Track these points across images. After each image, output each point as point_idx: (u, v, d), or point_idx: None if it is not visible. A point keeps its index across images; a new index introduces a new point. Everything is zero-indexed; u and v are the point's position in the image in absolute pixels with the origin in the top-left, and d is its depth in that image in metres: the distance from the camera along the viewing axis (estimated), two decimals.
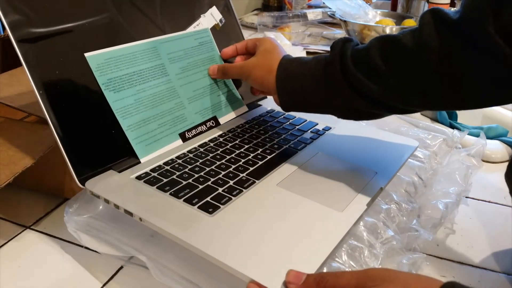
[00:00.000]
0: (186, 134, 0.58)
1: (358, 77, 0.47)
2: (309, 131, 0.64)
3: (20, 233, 0.55)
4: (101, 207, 0.51)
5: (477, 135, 0.74)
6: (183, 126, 0.58)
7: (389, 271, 0.34)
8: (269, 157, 0.56)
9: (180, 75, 0.60)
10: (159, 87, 0.57)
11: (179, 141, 0.57)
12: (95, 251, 0.49)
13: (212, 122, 0.62)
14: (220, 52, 0.66)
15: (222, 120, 0.64)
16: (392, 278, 0.33)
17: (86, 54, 0.50)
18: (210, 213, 0.44)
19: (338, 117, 0.53)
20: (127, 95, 0.53)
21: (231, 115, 0.66)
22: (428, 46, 0.43)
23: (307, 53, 1.20)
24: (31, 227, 0.56)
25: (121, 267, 0.49)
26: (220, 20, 0.69)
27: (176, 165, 0.52)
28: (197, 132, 0.60)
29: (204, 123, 0.61)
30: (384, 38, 0.47)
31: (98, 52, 0.51)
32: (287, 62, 0.54)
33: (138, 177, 0.49)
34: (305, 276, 0.36)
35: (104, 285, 0.47)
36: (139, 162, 0.52)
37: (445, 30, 0.42)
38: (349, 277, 0.34)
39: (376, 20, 1.27)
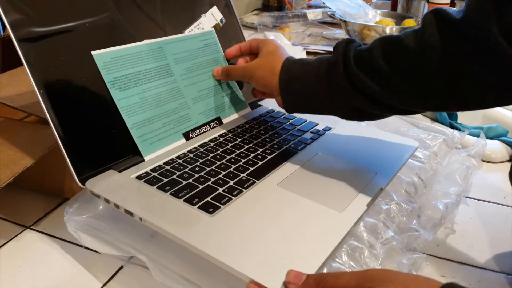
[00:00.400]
0: (190, 134, 0.59)
1: (361, 78, 0.47)
2: (309, 131, 0.64)
3: (20, 233, 0.55)
4: (101, 207, 0.51)
5: (477, 135, 0.74)
6: (187, 126, 0.59)
7: (388, 271, 0.34)
8: (269, 157, 0.56)
9: (185, 76, 0.60)
10: (164, 86, 0.57)
11: (183, 141, 0.58)
12: (95, 251, 0.49)
13: (216, 123, 0.63)
14: (224, 53, 0.67)
15: (225, 121, 0.64)
16: (391, 278, 0.33)
17: (93, 52, 0.51)
18: (210, 213, 0.44)
19: (341, 117, 0.53)
20: (132, 93, 0.53)
21: (235, 116, 0.66)
22: (430, 46, 0.43)
23: (307, 53, 1.21)
24: (31, 227, 0.56)
25: (121, 267, 0.49)
26: (221, 20, 0.69)
27: (177, 165, 0.52)
28: (200, 132, 0.60)
29: (208, 123, 0.62)
30: (386, 38, 0.47)
31: (105, 50, 0.52)
32: (290, 64, 0.54)
33: (139, 177, 0.49)
34: (305, 276, 0.36)
35: (104, 285, 0.47)
36: (143, 161, 0.52)
37: (447, 30, 0.42)
38: (349, 277, 0.34)
39: (376, 20, 1.27)
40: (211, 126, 0.62)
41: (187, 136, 0.58)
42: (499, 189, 0.66)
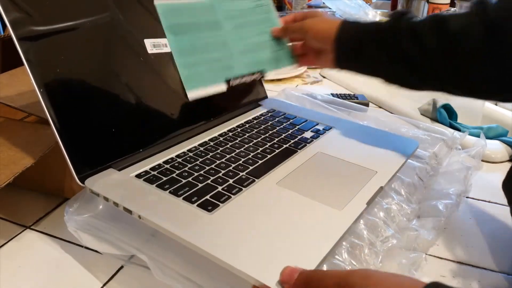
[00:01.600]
0: (231, 82, 0.64)
1: (407, 47, 0.52)
2: (309, 130, 0.64)
3: (20, 233, 0.55)
4: (101, 206, 0.51)
5: (477, 135, 0.74)
6: (229, 74, 0.64)
7: (369, 271, 0.34)
8: (269, 156, 0.56)
9: (234, 31, 0.66)
10: (212, 38, 0.63)
11: (224, 85, 0.63)
12: (96, 251, 0.49)
13: (259, 75, 0.68)
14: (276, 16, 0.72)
15: (268, 75, 0.69)
16: (372, 278, 0.32)
17: (155, 2, 0.58)
18: (209, 211, 0.44)
19: (384, 79, 0.57)
20: (183, 39, 0.60)
21: (279, 71, 0.71)
22: (467, 32, 0.47)
23: None
24: (31, 227, 0.56)
25: (122, 267, 0.49)
26: None
27: (176, 164, 0.52)
28: (241, 81, 0.65)
29: (251, 74, 0.67)
30: (437, 15, 0.52)
31: (166, 2, 0.60)
32: (348, 24, 0.59)
33: (138, 175, 0.49)
34: (297, 274, 0.36)
35: (104, 285, 0.47)
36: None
37: (486, 19, 0.46)
38: (330, 281, 0.34)
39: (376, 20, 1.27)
40: (254, 77, 0.67)
41: (228, 82, 0.63)
42: (499, 189, 0.66)
